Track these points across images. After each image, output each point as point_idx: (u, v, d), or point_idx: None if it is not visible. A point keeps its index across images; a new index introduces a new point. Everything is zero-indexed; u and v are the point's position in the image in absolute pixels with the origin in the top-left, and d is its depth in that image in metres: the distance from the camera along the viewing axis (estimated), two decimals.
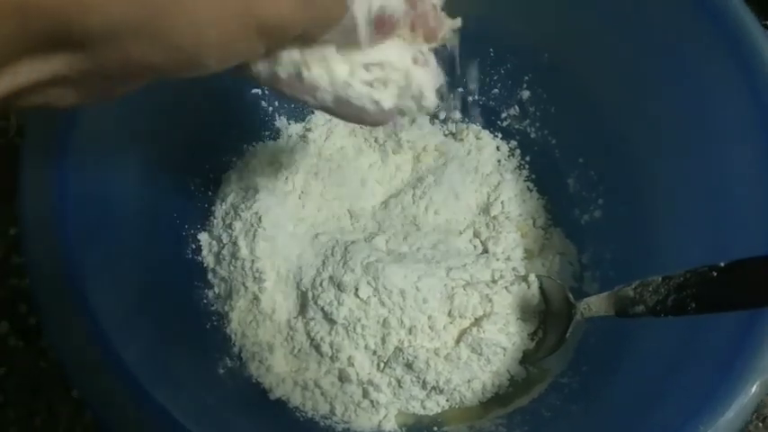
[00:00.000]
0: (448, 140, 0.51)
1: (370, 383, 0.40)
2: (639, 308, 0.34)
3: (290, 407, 0.40)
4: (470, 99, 0.51)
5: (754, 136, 0.35)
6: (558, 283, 0.42)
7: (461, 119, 0.52)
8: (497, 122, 0.51)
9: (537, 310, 0.43)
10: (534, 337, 0.43)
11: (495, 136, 0.51)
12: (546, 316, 0.43)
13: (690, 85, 0.39)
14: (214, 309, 0.43)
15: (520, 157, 0.50)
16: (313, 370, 0.41)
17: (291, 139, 0.49)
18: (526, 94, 0.50)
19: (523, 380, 0.42)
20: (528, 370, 0.43)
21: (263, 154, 0.48)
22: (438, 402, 0.42)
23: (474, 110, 0.51)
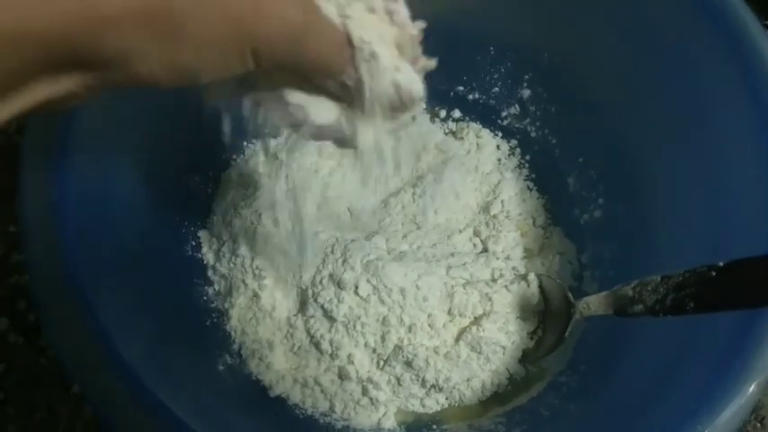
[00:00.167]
0: (448, 139, 0.51)
1: (370, 381, 0.41)
2: (638, 307, 0.34)
3: (289, 404, 0.40)
4: (470, 97, 0.51)
5: (754, 136, 0.35)
6: (558, 282, 0.42)
7: (461, 117, 0.52)
8: (497, 121, 0.51)
9: (536, 309, 0.43)
10: (533, 335, 0.43)
11: (495, 135, 0.51)
12: (545, 315, 0.43)
13: (690, 84, 0.39)
14: (214, 306, 0.43)
15: (520, 157, 0.50)
16: (313, 367, 0.41)
17: (291, 138, 0.49)
18: (526, 93, 0.50)
19: (522, 378, 0.43)
20: (527, 369, 0.43)
21: (262, 152, 0.48)
22: (437, 400, 0.42)
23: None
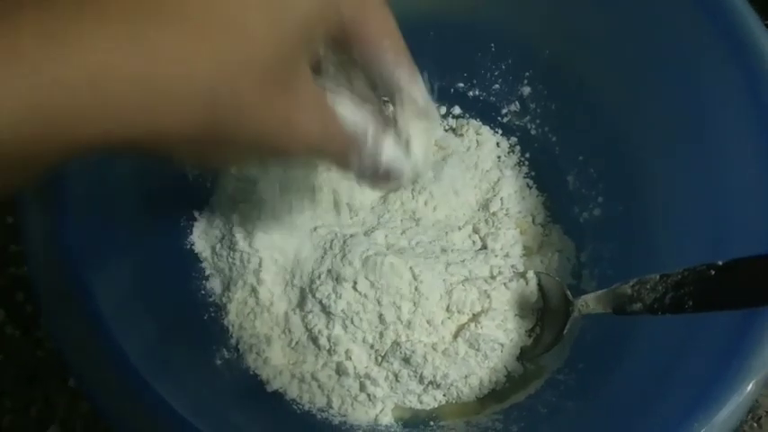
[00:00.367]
0: (448, 136, 0.51)
1: (368, 377, 0.40)
2: (637, 305, 0.34)
3: (287, 399, 0.40)
4: (470, 94, 0.51)
5: (754, 135, 0.35)
6: (557, 280, 0.42)
7: (461, 114, 0.51)
8: (497, 118, 0.51)
9: (535, 306, 0.43)
10: (531, 333, 0.43)
11: (495, 132, 0.51)
12: (543, 313, 0.43)
13: (690, 83, 0.39)
14: (212, 300, 0.43)
15: (520, 154, 0.50)
16: (310, 363, 0.41)
17: None
18: (527, 90, 0.50)
19: (520, 376, 0.43)
20: (525, 366, 0.43)
21: None
22: (435, 397, 0.42)
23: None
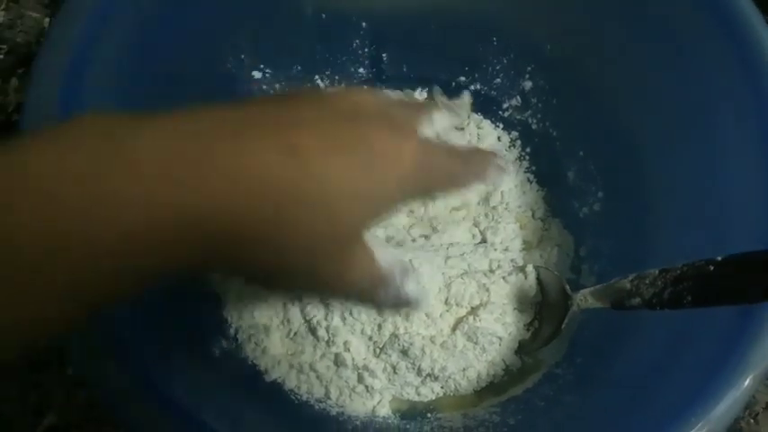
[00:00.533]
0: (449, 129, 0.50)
1: (366, 369, 0.41)
2: (635, 300, 0.34)
3: (285, 389, 0.40)
4: (472, 88, 0.51)
5: (754, 130, 0.35)
6: (556, 274, 0.42)
7: None
8: (499, 113, 0.51)
9: (533, 300, 0.43)
10: (530, 327, 0.43)
11: (496, 126, 0.51)
12: (542, 307, 0.43)
13: (691, 78, 0.39)
14: (210, 290, 0.43)
15: (520, 149, 0.50)
16: (309, 353, 0.41)
17: None
18: (528, 84, 0.50)
19: (518, 369, 0.43)
20: (523, 360, 0.43)
21: None
22: (433, 389, 0.42)
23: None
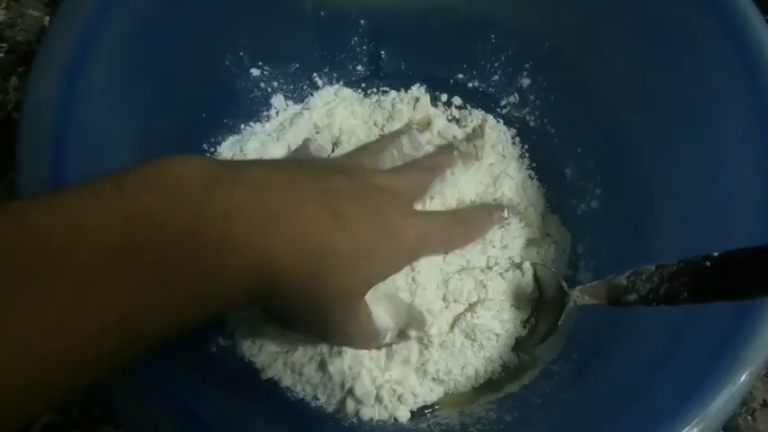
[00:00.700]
0: (451, 125, 0.50)
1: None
2: (632, 296, 0.34)
3: (281, 387, 0.40)
4: (470, 85, 0.51)
5: (753, 129, 0.35)
6: (552, 270, 0.42)
7: (462, 105, 0.51)
8: (497, 110, 0.51)
9: (530, 297, 0.43)
10: (527, 324, 0.43)
11: (497, 122, 0.51)
12: (539, 303, 0.43)
13: (690, 77, 0.39)
14: None
15: (519, 146, 0.50)
16: (301, 351, 0.41)
17: (289, 120, 0.49)
18: (526, 82, 0.50)
19: (515, 366, 0.43)
20: (520, 357, 0.43)
21: (260, 134, 0.48)
22: (432, 389, 0.42)
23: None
